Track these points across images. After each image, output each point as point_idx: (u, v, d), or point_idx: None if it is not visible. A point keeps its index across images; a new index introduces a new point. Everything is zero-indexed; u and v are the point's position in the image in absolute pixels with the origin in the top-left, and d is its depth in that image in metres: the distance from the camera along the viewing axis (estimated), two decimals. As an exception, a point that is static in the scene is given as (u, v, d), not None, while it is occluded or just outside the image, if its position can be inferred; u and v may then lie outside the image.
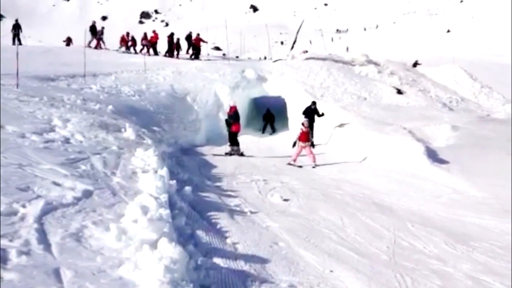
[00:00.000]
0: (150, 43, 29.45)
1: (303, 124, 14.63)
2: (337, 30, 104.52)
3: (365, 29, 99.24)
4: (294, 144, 14.36)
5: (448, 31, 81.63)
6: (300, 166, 13.68)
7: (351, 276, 5.34)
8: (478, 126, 17.95)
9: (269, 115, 22.25)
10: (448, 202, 10.23)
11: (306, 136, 14.38)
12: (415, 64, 34.37)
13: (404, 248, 6.77)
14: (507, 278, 5.80)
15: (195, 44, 28.74)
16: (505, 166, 11.93)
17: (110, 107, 12.62)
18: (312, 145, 14.25)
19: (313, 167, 13.80)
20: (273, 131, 21.84)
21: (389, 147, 14.50)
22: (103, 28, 30.69)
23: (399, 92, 23.77)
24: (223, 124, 17.74)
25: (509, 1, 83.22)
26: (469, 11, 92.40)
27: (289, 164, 13.97)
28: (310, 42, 62.73)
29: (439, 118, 19.24)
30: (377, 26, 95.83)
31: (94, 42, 29.49)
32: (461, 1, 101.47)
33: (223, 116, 17.09)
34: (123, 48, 30.47)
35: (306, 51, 32.63)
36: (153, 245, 4.39)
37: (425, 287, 5.31)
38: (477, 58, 39.63)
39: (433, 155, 13.90)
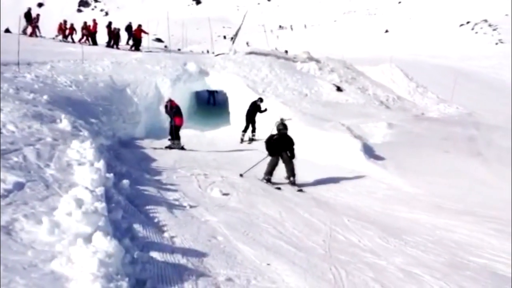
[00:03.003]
0: (89, 33, 28.69)
1: None
2: (280, 26, 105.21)
3: (305, 27, 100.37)
4: None
5: (387, 31, 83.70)
6: None
7: (288, 269, 5.41)
8: (413, 124, 18.65)
9: (282, 139, 11.25)
10: (383, 198, 10.57)
11: None
12: None
13: (340, 241, 6.94)
14: (436, 271, 6.05)
15: (135, 35, 28.19)
16: (438, 163, 12.43)
17: (45, 97, 12.16)
18: (253, 140, 14.14)
19: None
20: (292, 178, 10.94)
21: (328, 143, 14.78)
22: (38, 15, 29.60)
23: (339, 89, 24.27)
24: (163, 118, 17.48)
25: (445, 5, 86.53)
26: (407, 12, 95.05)
27: None
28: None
29: (376, 116, 19.82)
30: (305, 26, 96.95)
31: (29, 30, 28.43)
32: (399, 2, 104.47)
33: (164, 110, 16.82)
34: (60, 37, 29.48)
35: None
36: (88, 239, 4.27)
37: (358, 279, 5.46)
38: (413, 58, 40.95)
39: (369, 151, 14.30)
